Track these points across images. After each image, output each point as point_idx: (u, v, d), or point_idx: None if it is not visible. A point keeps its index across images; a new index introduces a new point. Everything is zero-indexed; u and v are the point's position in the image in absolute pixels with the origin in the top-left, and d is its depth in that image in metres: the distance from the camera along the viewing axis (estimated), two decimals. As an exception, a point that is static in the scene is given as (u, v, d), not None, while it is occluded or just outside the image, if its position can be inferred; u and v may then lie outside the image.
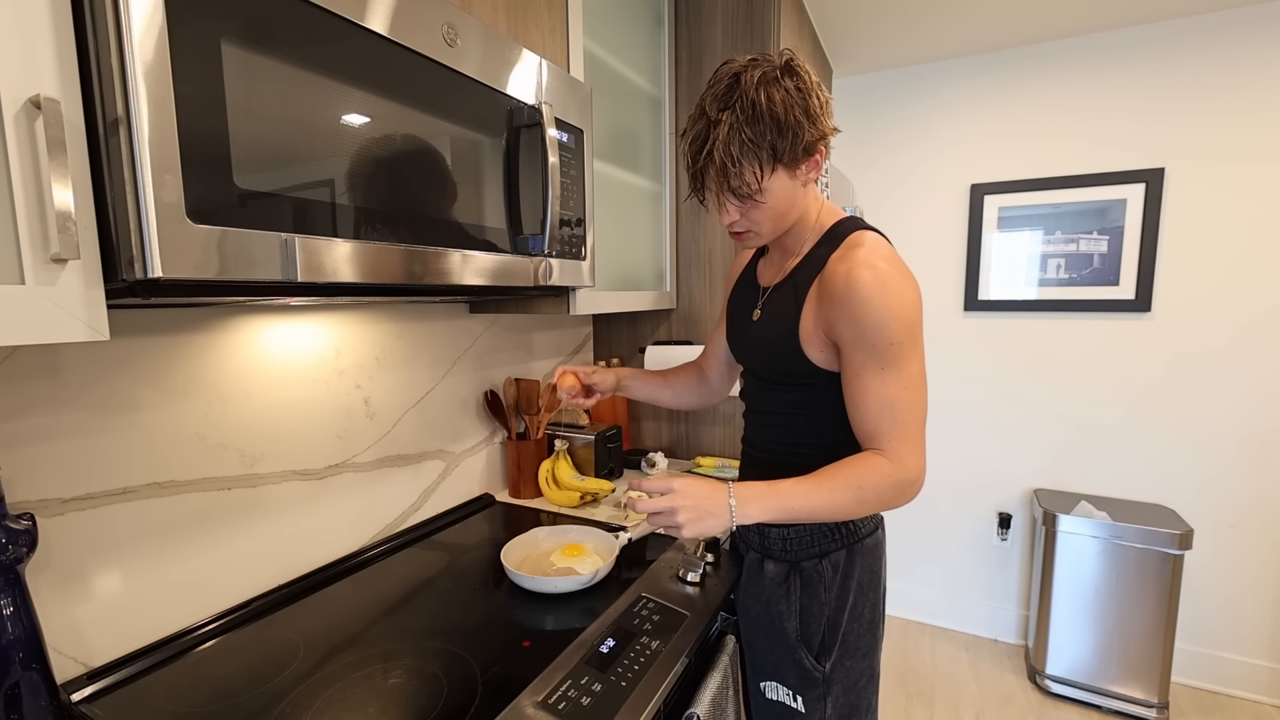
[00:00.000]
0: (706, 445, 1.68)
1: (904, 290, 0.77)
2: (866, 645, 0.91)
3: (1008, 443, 2.26)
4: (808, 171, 0.80)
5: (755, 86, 0.74)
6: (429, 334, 1.25)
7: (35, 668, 0.63)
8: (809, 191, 0.85)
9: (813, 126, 0.75)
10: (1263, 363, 1.90)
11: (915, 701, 2.02)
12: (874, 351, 0.77)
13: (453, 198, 0.79)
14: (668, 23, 1.56)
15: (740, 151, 0.74)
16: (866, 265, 0.76)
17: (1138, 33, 1.94)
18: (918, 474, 0.79)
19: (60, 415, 0.72)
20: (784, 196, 0.80)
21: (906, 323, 0.76)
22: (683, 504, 0.76)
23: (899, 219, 2.35)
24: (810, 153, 0.78)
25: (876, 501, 0.79)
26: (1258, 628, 1.98)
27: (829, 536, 0.89)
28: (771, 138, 0.74)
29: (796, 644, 0.90)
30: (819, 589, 0.89)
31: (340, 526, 1.08)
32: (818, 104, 0.76)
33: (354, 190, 0.65)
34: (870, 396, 0.78)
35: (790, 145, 0.75)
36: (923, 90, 2.25)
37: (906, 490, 0.79)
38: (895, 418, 0.78)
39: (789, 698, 0.92)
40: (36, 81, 0.46)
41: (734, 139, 0.74)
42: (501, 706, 0.69)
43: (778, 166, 0.76)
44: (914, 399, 0.78)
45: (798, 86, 0.75)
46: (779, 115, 0.73)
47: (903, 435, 0.78)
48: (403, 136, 0.71)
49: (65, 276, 0.48)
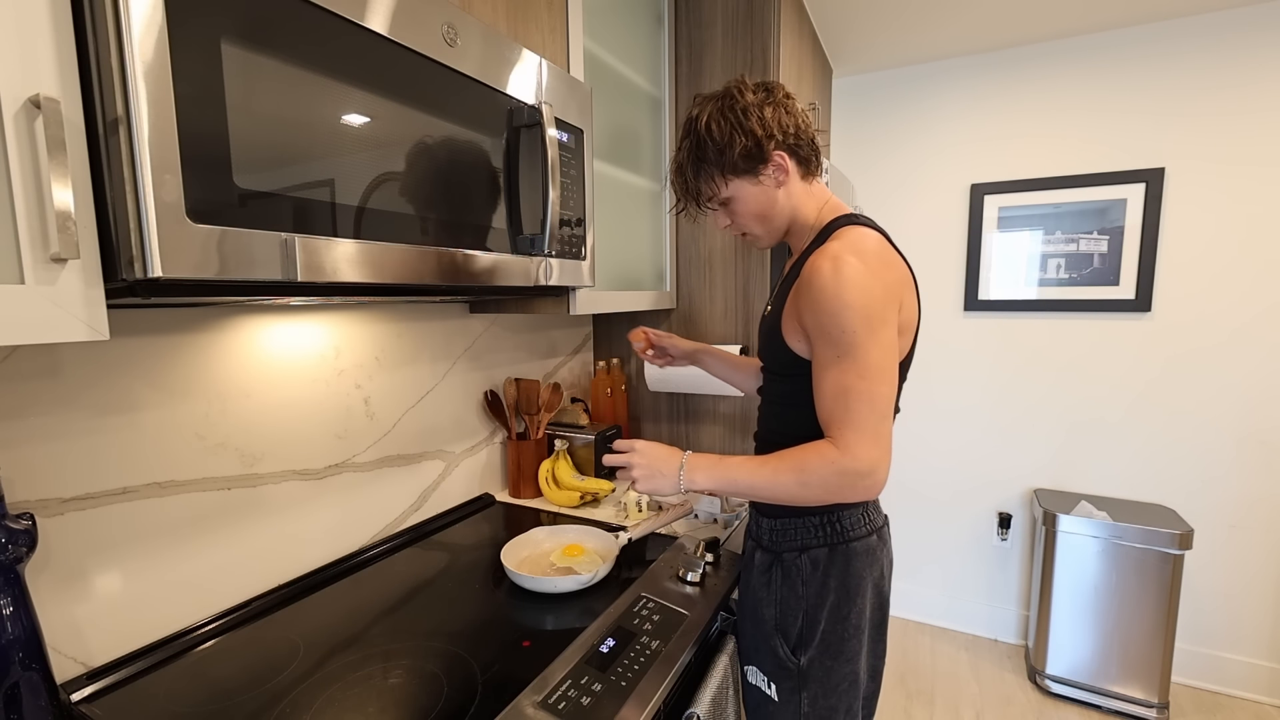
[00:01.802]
0: (706, 445, 1.68)
1: (863, 281, 0.78)
2: (851, 650, 0.89)
3: (1008, 442, 2.26)
4: (775, 175, 0.89)
5: (703, 120, 0.89)
6: (429, 334, 1.25)
7: (35, 667, 0.63)
8: (793, 193, 0.92)
9: (748, 135, 0.86)
10: (1263, 362, 1.90)
11: (915, 701, 2.02)
12: (830, 340, 0.79)
13: (453, 197, 0.79)
14: (668, 23, 1.55)
15: (694, 173, 0.92)
16: (831, 256, 0.80)
17: (1138, 33, 1.94)
18: (869, 465, 0.77)
19: (60, 415, 0.72)
20: (756, 200, 0.91)
21: (862, 312, 0.77)
22: (639, 461, 0.88)
23: (899, 219, 2.34)
24: (757, 159, 0.88)
25: (821, 487, 0.79)
26: (1258, 628, 1.98)
27: (812, 532, 0.90)
28: (713, 156, 0.89)
29: (773, 632, 0.91)
30: (796, 582, 0.90)
31: (340, 526, 1.08)
32: (755, 120, 0.87)
33: (354, 190, 0.65)
34: (826, 384, 0.80)
35: (730, 158, 0.88)
36: (923, 90, 2.25)
37: (856, 482, 0.78)
38: (847, 406, 0.78)
39: (764, 684, 0.94)
40: (36, 81, 0.46)
41: (689, 163, 0.92)
42: (501, 706, 0.69)
43: (729, 176, 0.90)
44: (868, 389, 0.78)
45: (734, 109, 0.88)
46: (716, 138, 0.88)
47: (853, 424, 0.78)
48: (403, 136, 0.71)
49: (65, 276, 0.48)
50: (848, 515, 0.89)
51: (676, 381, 1.55)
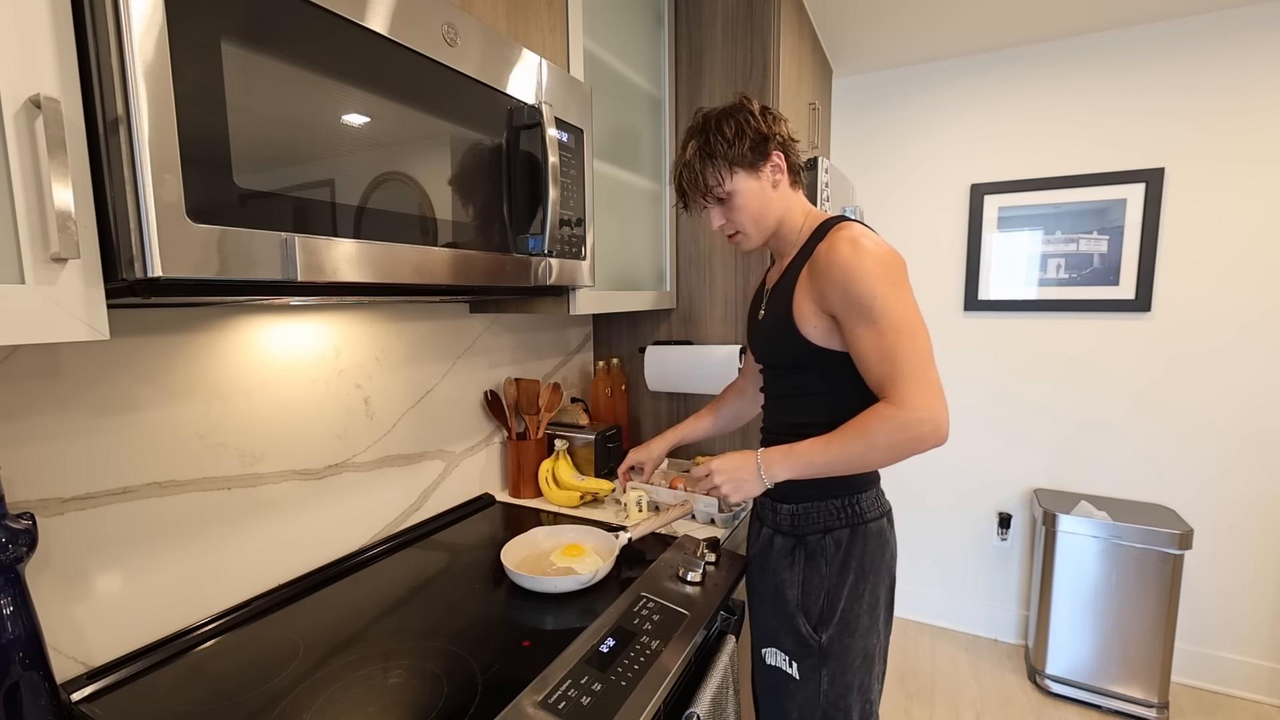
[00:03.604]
0: (706, 446, 1.68)
1: (880, 252, 0.85)
2: (865, 625, 0.94)
3: (1008, 442, 2.26)
4: (772, 174, 0.95)
5: (713, 120, 0.95)
6: (429, 334, 1.25)
7: (35, 667, 0.63)
8: (785, 196, 0.98)
9: (755, 132, 0.92)
10: (1263, 362, 1.90)
11: (915, 701, 2.02)
12: (862, 309, 0.84)
13: (453, 197, 0.79)
14: (668, 22, 1.55)
15: (702, 164, 0.94)
16: (847, 239, 0.87)
17: (1138, 33, 1.94)
18: (929, 411, 0.80)
19: (60, 415, 0.72)
20: (754, 197, 0.95)
21: (886, 276, 0.84)
22: (721, 479, 0.93)
23: (899, 219, 2.34)
24: (761, 154, 0.93)
25: (888, 445, 0.82)
26: (1257, 628, 1.98)
27: (834, 515, 0.95)
28: (723, 148, 0.93)
29: (796, 611, 0.96)
30: (820, 562, 0.95)
31: (340, 526, 1.08)
32: (760, 121, 0.93)
33: (354, 190, 0.65)
34: (870, 352, 0.85)
35: (739, 150, 0.92)
36: (923, 90, 2.25)
37: (919, 429, 0.81)
38: (894, 361, 0.83)
39: (785, 663, 0.97)
40: (36, 81, 0.46)
41: (697, 155, 0.95)
42: (501, 706, 0.69)
43: (735, 169, 0.93)
44: (909, 343, 0.82)
45: (745, 111, 0.94)
46: (726, 132, 0.93)
47: (905, 378, 0.82)
48: (403, 136, 0.71)
49: (65, 276, 0.48)
50: (864, 497, 0.96)
51: (676, 381, 1.55)
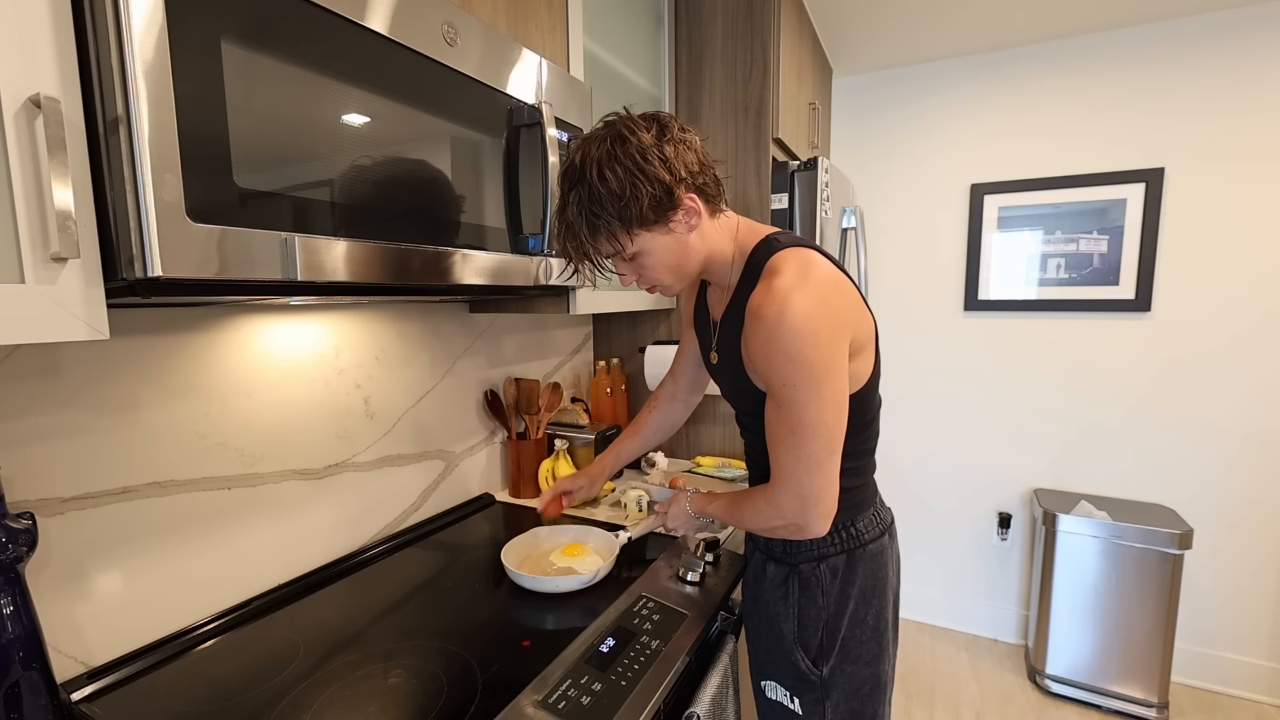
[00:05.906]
0: (706, 445, 1.68)
1: (810, 325, 0.73)
2: (870, 652, 0.89)
3: (1008, 442, 2.26)
4: (686, 219, 0.78)
5: (592, 167, 0.74)
6: (429, 334, 1.25)
7: (35, 667, 0.63)
8: (705, 234, 0.82)
9: (653, 182, 0.73)
10: (1263, 362, 1.90)
11: (915, 701, 2.02)
12: (772, 389, 0.78)
13: (452, 197, 0.79)
14: (668, 22, 1.56)
15: (590, 230, 0.76)
16: (777, 300, 0.74)
17: (1138, 33, 1.94)
18: (793, 516, 0.78)
19: (60, 414, 0.72)
20: (668, 250, 0.79)
21: (805, 364, 0.73)
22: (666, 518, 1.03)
23: (899, 219, 2.35)
24: (666, 207, 0.76)
25: (764, 529, 0.84)
26: (1258, 628, 1.98)
27: (828, 541, 0.88)
28: (613, 207, 0.74)
29: (793, 645, 0.90)
30: (816, 593, 0.88)
31: (340, 526, 1.08)
32: (657, 162, 0.74)
33: (354, 190, 0.65)
34: (770, 430, 0.80)
35: (636, 210, 0.74)
36: (923, 90, 2.25)
37: (781, 526, 0.81)
38: (777, 458, 0.79)
39: (786, 699, 0.92)
40: (36, 81, 0.46)
41: (580, 219, 0.76)
42: (501, 706, 0.69)
43: (635, 230, 0.76)
44: (804, 444, 0.75)
45: (631, 153, 0.73)
46: (614, 188, 0.73)
47: (780, 477, 0.79)
48: (403, 136, 0.71)
49: (65, 275, 0.48)
50: (861, 519, 0.89)
51: (676, 381, 1.54)
